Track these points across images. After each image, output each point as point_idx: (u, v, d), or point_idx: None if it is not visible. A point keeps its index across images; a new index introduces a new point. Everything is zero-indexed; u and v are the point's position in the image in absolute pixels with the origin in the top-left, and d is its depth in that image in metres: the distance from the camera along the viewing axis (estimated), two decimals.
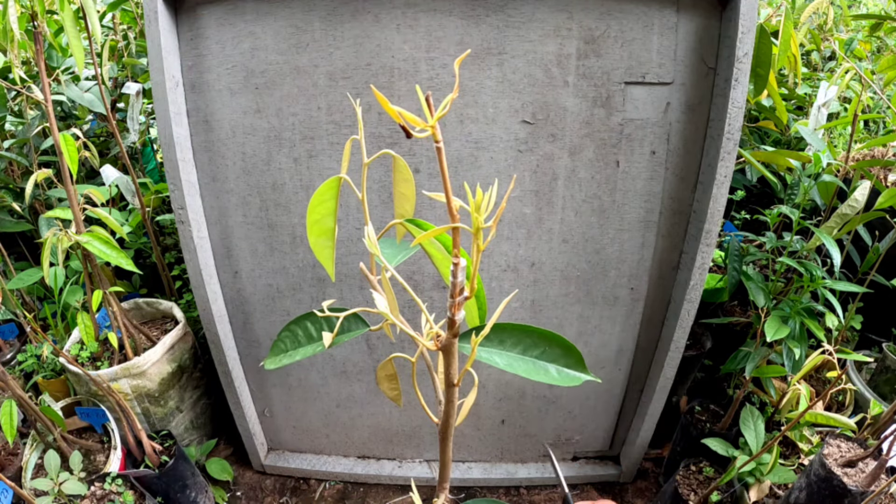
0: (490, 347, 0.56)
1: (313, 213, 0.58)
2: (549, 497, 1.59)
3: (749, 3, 1.02)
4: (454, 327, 0.53)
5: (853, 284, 1.38)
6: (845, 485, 1.08)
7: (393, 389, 0.68)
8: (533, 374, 0.54)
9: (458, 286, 0.50)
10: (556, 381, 0.54)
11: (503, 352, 0.56)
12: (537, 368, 0.54)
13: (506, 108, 1.13)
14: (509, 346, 0.56)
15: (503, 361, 0.55)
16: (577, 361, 0.54)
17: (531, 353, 0.55)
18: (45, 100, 1.24)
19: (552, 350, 0.55)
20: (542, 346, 0.55)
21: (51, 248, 1.28)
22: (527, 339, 0.55)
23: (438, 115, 0.43)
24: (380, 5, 1.06)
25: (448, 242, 0.59)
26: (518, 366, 0.54)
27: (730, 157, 1.12)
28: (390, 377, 0.66)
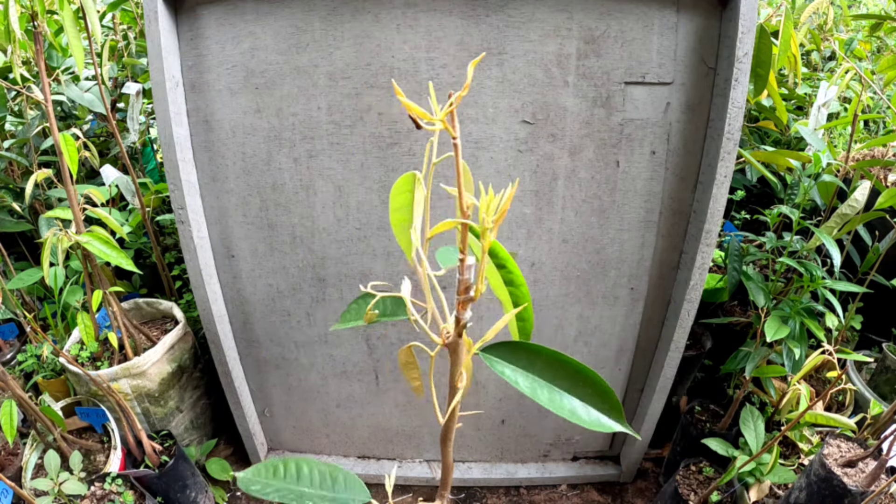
0: (516, 366, 0.52)
1: (393, 202, 0.57)
2: (549, 497, 1.59)
3: (749, 3, 1.02)
4: (459, 325, 0.53)
5: (853, 284, 1.38)
6: (845, 485, 1.08)
7: (415, 379, 0.68)
8: (557, 407, 0.50)
9: (463, 283, 0.50)
10: (583, 422, 0.49)
11: (529, 374, 0.52)
12: (563, 402, 0.50)
13: (506, 108, 1.13)
14: (538, 369, 0.52)
15: (526, 384, 0.51)
16: (613, 408, 0.50)
17: (561, 383, 0.51)
18: (45, 100, 1.24)
19: (585, 388, 0.51)
20: (576, 380, 0.51)
21: (51, 248, 1.28)
22: (559, 369, 0.52)
23: (446, 111, 0.44)
24: (380, 5, 1.06)
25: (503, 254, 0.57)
26: (542, 394, 0.50)
27: (730, 157, 1.12)
28: (409, 365, 0.66)
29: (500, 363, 0.52)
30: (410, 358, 0.65)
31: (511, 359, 0.53)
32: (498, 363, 0.53)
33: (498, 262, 0.56)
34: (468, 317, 0.52)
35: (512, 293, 0.57)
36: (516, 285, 0.56)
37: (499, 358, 0.53)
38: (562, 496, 1.60)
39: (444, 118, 0.43)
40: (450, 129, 0.44)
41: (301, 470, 0.63)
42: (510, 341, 0.54)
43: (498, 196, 0.46)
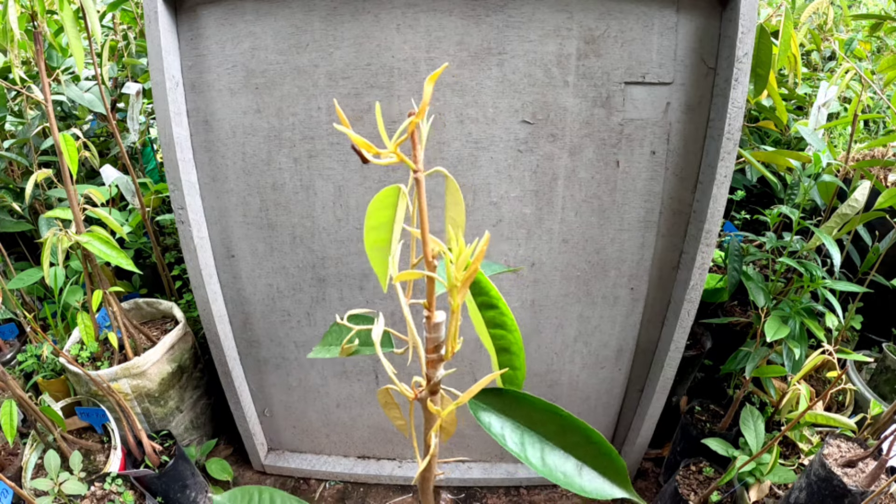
0: (504, 417, 0.46)
1: (370, 219, 0.48)
2: (549, 497, 1.59)
3: (749, 3, 1.02)
4: (430, 384, 0.47)
5: (853, 284, 1.38)
6: (845, 485, 1.08)
7: (397, 419, 0.64)
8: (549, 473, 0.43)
9: (431, 342, 0.45)
10: (583, 491, 0.42)
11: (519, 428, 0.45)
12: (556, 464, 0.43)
13: (506, 108, 1.13)
14: (530, 423, 0.46)
15: (514, 440, 0.44)
16: (617, 472, 0.43)
17: (556, 440, 0.45)
18: (45, 100, 1.24)
19: (586, 448, 0.44)
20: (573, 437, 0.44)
21: (51, 248, 1.28)
22: (554, 423, 0.45)
23: (396, 141, 0.36)
24: (380, 5, 1.06)
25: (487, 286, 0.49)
26: (533, 454, 0.43)
27: (730, 157, 1.12)
28: (389, 405, 0.62)
29: (486, 413, 0.46)
30: (389, 399, 0.60)
31: (498, 407, 0.46)
32: (484, 413, 0.46)
33: (484, 301, 0.48)
34: (440, 376, 0.46)
35: (499, 337, 0.49)
36: (507, 328, 0.48)
37: (486, 406, 0.46)
38: (562, 496, 1.59)
39: (395, 149, 0.36)
40: (407, 161, 0.36)
41: (274, 502, 0.61)
42: (499, 388, 0.47)
43: (471, 247, 0.39)
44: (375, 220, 0.44)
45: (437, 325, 0.43)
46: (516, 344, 0.48)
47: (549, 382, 1.46)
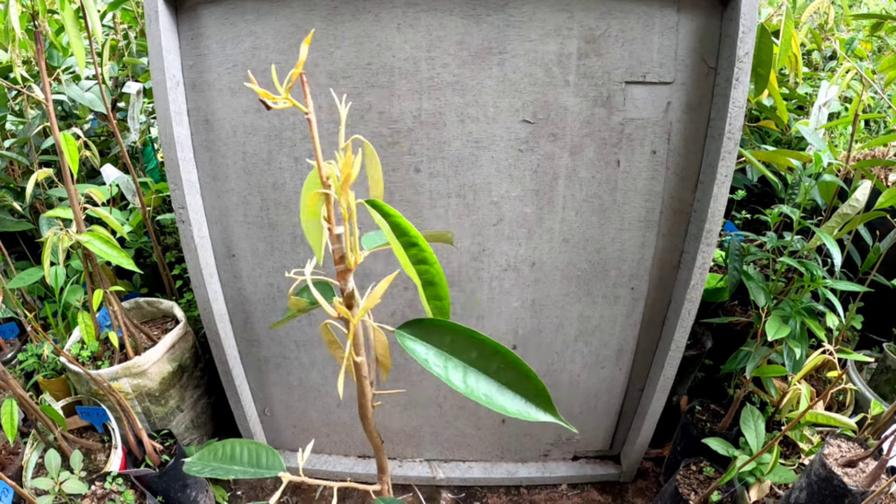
0: (428, 343, 0.49)
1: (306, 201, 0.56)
2: (550, 497, 1.59)
3: (750, 3, 1.02)
4: (345, 296, 0.52)
5: (854, 284, 1.38)
6: (846, 485, 1.08)
7: (342, 358, 0.68)
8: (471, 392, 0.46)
9: (337, 252, 0.51)
10: (506, 410, 0.45)
11: (442, 352, 0.48)
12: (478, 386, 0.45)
13: (506, 108, 1.13)
14: (453, 348, 0.49)
15: (438, 362, 0.47)
16: (539, 395, 0.45)
17: (478, 364, 0.48)
18: (45, 99, 1.24)
19: (508, 372, 0.46)
20: (494, 361, 0.47)
21: (51, 248, 1.28)
22: (475, 348, 0.48)
23: (286, 87, 0.45)
24: (380, 5, 1.06)
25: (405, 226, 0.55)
26: (456, 375, 0.46)
27: (730, 157, 1.12)
28: (333, 343, 0.67)
29: (410, 339, 0.50)
30: (331, 336, 0.66)
31: (423, 335, 0.50)
32: (409, 340, 0.50)
33: (407, 241, 0.53)
34: (350, 286, 0.51)
35: (423, 272, 0.54)
36: (429, 263, 0.54)
37: (411, 335, 0.50)
38: (562, 496, 1.60)
39: (287, 95, 0.44)
40: (299, 105, 0.45)
41: (234, 450, 0.69)
42: (423, 318, 0.51)
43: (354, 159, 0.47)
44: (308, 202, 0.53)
45: (338, 236, 0.48)
46: (438, 275, 0.54)
47: (549, 382, 1.45)
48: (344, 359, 0.59)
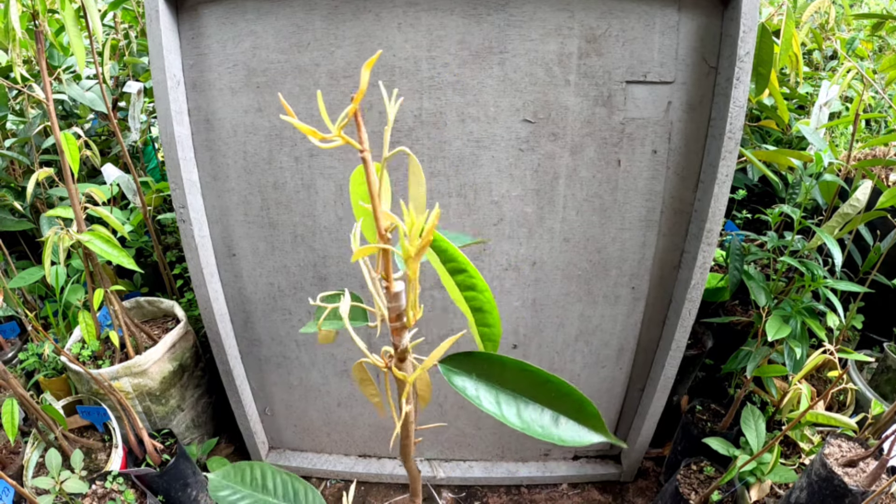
0: (478, 380, 0.46)
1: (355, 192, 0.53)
2: (550, 496, 1.59)
3: (751, 2, 1.02)
4: (398, 351, 0.48)
5: (854, 284, 1.38)
6: (846, 484, 1.08)
7: (373, 396, 0.65)
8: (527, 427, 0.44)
9: (393, 311, 0.46)
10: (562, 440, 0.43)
11: (493, 388, 0.46)
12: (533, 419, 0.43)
13: (507, 107, 1.13)
14: (503, 382, 0.46)
15: (490, 399, 0.45)
16: (591, 418, 0.43)
17: (530, 395, 0.46)
18: (46, 99, 1.25)
19: (561, 402, 0.44)
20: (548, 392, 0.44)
21: (52, 247, 1.29)
22: (527, 381, 0.45)
23: (340, 125, 0.39)
24: (381, 4, 1.06)
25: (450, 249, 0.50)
26: (509, 411, 0.44)
27: (731, 157, 1.12)
28: (365, 381, 0.63)
29: (459, 377, 0.46)
30: (364, 374, 0.61)
31: (470, 370, 0.46)
32: (457, 377, 0.46)
33: (455, 267, 0.49)
34: (406, 342, 0.47)
35: (471, 298, 0.50)
36: (478, 289, 0.50)
37: (457, 370, 0.46)
38: (563, 495, 1.60)
39: (339, 132, 0.38)
40: (352, 142, 0.39)
41: (266, 478, 0.64)
42: (468, 352, 0.48)
43: (422, 218, 0.40)
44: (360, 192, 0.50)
45: (397, 294, 0.44)
46: (489, 303, 0.50)
47: None
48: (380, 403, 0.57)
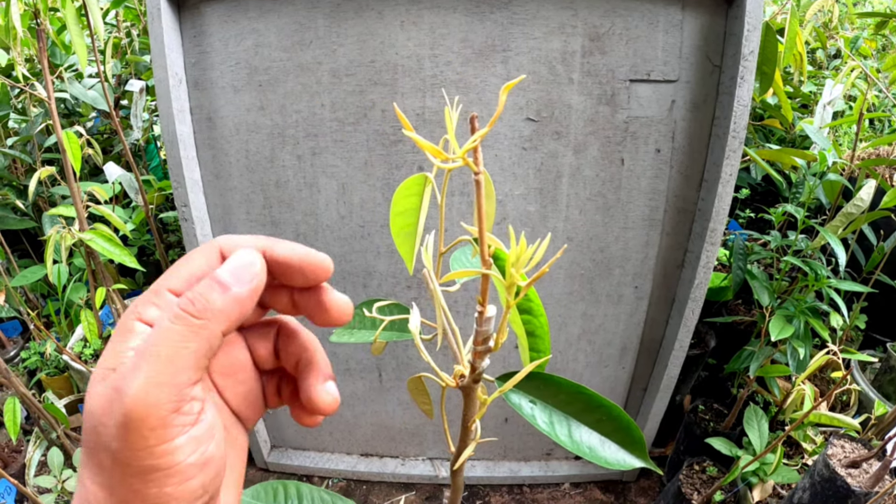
0: (535, 399, 0.48)
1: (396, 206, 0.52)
2: (552, 496, 1.59)
3: (755, 1, 1.02)
4: (475, 373, 0.50)
5: (858, 284, 1.38)
6: (849, 485, 1.07)
7: (424, 404, 0.66)
8: (576, 447, 0.45)
9: (481, 334, 0.45)
10: (606, 462, 0.45)
11: (548, 408, 0.47)
12: (583, 439, 0.45)
13: (510, 106, 1.12)
14: (557, 403, 0.47)
15: (544, 419, 0.46)
16: (636, 443, 0.45)
17: (581, 418, 0.47)
18: (48, 98, 1.25)
19: (608, 424, 0.46)
20: (598, 415, 0.46)
21: (54, 246, 1.29)
22: (579, 403, 0.46)
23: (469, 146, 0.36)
24: (383, 2, 1.06)
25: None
26: (561, 430, 0.46)
27: (735, 156, 1.12)
28: (419, 391, 0.63)
29: (516, 395, 0.48)
30: (420, 386, 0.62)
31: (527, 389, 0.48)
32: (514, 395, 0.48)
33: (523, 307, 0.49)
34: (485, 365, 0.47)
35: (526, 321, 0.50)
36: (534, 314, 0.50)
37: (515, 389, 0.48)
38: (564, 495, 1.59)
39: (464, 154, 0.36)
40: (471, 164, 0.37)
41: (302, 497, 0.60)
42: (532, 373, 0.49)
43: (532, 248, 0.39)
44: (401, 206, 0.46)
45: (489, 319, 0.43)
46: (542, 328, 0.50)
47: None
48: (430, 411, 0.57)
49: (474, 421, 0.54)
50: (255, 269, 0.29)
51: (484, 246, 0.43)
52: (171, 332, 0.26)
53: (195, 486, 0.27)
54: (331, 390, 0.32)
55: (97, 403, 0.26)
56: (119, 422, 0.25)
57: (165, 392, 0.26)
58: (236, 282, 0.28)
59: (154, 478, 0.26)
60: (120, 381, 0.25)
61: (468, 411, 0.53)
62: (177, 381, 0.26)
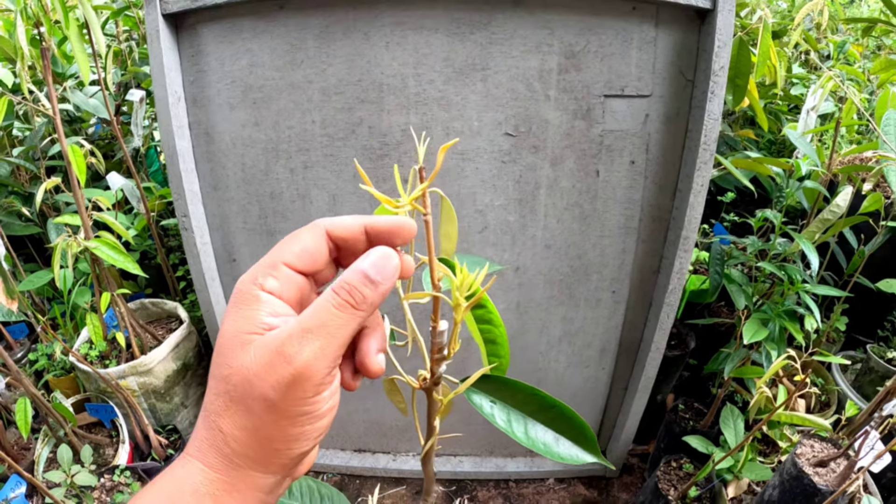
0: (494, 399, 0.52)
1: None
2: (538, 490, 1.65)
3: (726, 18, 1.06)
4: (434, 377, 0.54)
5: (833, 288, 1.42)
6: (815, 484, 1.12)
7: (399, 402, 0.72)
8: (532, 443, 0.49)
9: (436, 346, 0.51)
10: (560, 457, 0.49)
11: (506, 408, 0.52)
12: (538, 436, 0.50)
13: (490, 121, 1.17)
14: (515, 403, 0.52)
15: (503, 417, 0.51)
16: (588, 441, 0.49)
17: (537, 416, 0.51)
18: (53, 113, 1.31)
19: (561, 422, 0.50)
20: (552, 414, 0.50)
21: (61, 253, 1.35)
22: (535, 404, 0.51)
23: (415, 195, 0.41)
24: (370, 24, 1.11)
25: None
26: (518, 428, 0.51)
27: (706, 167, 1.17)
28: (393, 391, 0.69)
29: (478, 396, 0.53)
30: (394, 386, 0.69)
31: (488, 391, 0.53)
32: (476, 396, 0.53)
33: (484, 318, 0.54)
34: (442, 371, 0.53)
35: (486, 331, 0.56)
36: (494, 324, 0.55)
37: (477, 391, 0.53)
38: (549, 489, 1.65)
39: (412, 201, 0.41)
40: (420, 208, 0.41)
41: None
42: (490, 376, 0.54)
43: (473, 274, 0.45)
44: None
45: (441, 332, 0.49)
46: (501, 336, 0.56)
47: (535, 380, 1.51)
48: (405, 409, 0.64)
49: (436, 417, 0.61)
50: (395, 263, 0.37)
51: (434, 273, 0.49)
52: (337, 316, 0.34)
53: (326, 423, 0.36)
54: (381, 360, 0.40)
55: (252, 362, 0.33)
56: (286, 380, 0.33)
57: (327, 361, 0.34)
58: (383, 278, 0.36)
59: (301, 420, 0.34)
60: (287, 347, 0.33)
61: (431, 409, 0.60)
62: (335, 354, 0.34)
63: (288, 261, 0.36)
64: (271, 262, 0.36)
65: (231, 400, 0.34)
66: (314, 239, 0.37)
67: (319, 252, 0.37)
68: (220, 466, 0.34)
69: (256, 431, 0.34)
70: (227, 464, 0.34)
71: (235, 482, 0.34)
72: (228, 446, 0.34)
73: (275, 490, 0.36)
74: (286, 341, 0.33)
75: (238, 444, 0.34)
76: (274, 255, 0.36)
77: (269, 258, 0.36)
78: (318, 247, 0.37)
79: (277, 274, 0.36)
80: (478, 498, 1.63)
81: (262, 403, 0.33)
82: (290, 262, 0.36)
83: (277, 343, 0.33)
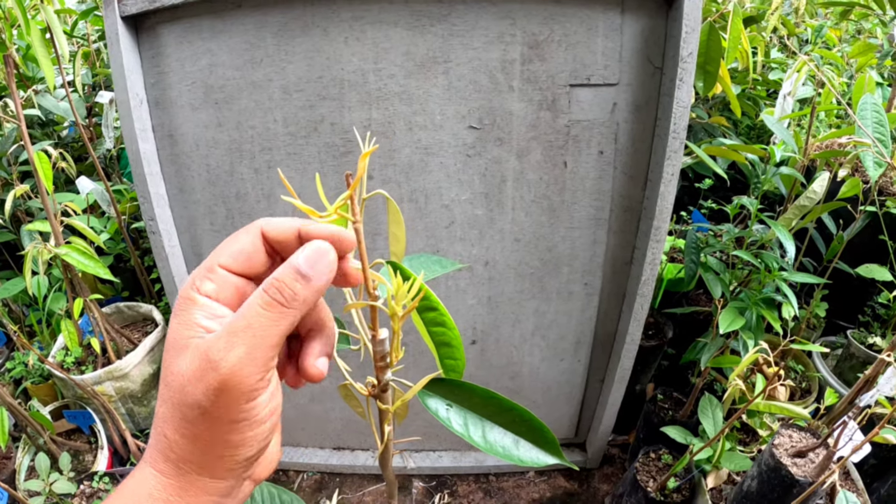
0: (451, 403, 0.51)
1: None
2: (518, 483, 1.65)
3: (693, 3, 1.03)
4: (380, 384, 0.54)
5: (811, 275, 1.41)
6: (793, 475, 1.10)
7: (357, 406, 0.71)
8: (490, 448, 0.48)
9: (378, 354, 0.51)
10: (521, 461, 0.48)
11: (463, 411, 0.50)
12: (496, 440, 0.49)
13: (453, 115, 1.16)
14: (471, 407, 0.51)
15: (459, 422, 0.49)
16: (548, 443, 0.48)
17: (495, 419, 0.50)
18: (18, 120, 1.29)
19: (520, 426, 0.49)
20: (510, 418, 0.49)
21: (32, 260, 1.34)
22: (492, 407, 0.49)
23: (337, 206, 0.39)
24: (328, 20, 1.09)
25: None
26: (476, 432, 0.49)
27: (676, 156, 1.15)
28: (349, 397, 0.69)
29: (433, 400, 0.51)
30: (348, 392, 0.68)
31: (443, 394, 0.51)
32: (431, 400, 0.51)
33: (425, 305, 0.52)
34: (388, 378, 0.53)
35: (439, 333, 0.55)
36: (446, 326, 0.54)
37: (432, 394, 0.51)
38: (529, 482, 1.65)
39: (337, 209, 0.40)
40: (348, 217, 0.40)
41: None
42: (443, 378, 0.52)
43: (407, 284, 0.44)
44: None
45: (382, 340, 0.49)
46: (455, 339, 0.54)
47: (510, 374, 1.51)
48: (363, 413, 0.63)
49: (387, 423, 0.60)
50: (331, 258, 0.35)
51: (368, 282, 0.47)
52: (263, 316, 0.32)
53: (267, 428, 0.34)
54: (321, 365, 0.39)
55: (186, 368, 0.32)
56: (214, 387, 0.31)
57: (256, 366, 0.32)
58: (316, 274, 0.34)
59: (239, 427, 0.33)
60: (213, 352, 0.31)
61: (382, 415, 0.59)
62: (265, 357, 0.32)
63: (224, 263, 0.35)
64: (209, 265, 0.35)
65: (173, 405, 0.33)
66: (251, 239, 0.36)
67: (256, 253, 0.36)
68: (169, 472, 0.33)
69: (196, 439, 0.33)
70: (174, 469, 0.33)
71: (186, 486, 0.33)
72: (174, 452, 0.33)
73: (231, 493, 0.35)
74: (212, 345, 0.32)
75: (181, 450, 0.33)
76: (211, 258, 0.35)
77: (207, 261, 0.35)
78: (255, 247, 0.36)
79: (214, 276, 0.35)
80: (458, 493, 1.63)
81: (195, 410, 0.32)
82: (225, 264, 0.35)
83: (205, 347, 0.32)
